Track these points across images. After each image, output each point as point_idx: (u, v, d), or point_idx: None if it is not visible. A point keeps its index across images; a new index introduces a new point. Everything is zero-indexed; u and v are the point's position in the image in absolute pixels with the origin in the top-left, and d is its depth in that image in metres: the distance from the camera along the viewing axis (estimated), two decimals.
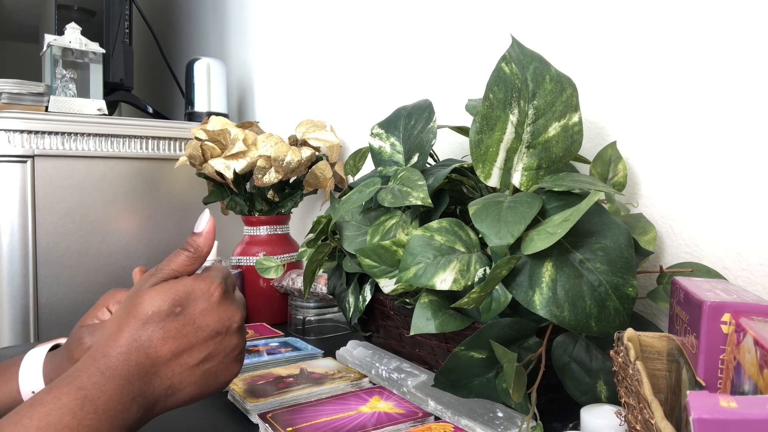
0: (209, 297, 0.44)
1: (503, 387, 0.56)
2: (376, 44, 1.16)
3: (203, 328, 0.43)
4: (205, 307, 0.43)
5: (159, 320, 0.42)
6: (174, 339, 0.42)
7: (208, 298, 0.44)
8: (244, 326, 0.47)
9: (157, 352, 0.41)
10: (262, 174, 1.09)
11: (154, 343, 0.41)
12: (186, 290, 0.43)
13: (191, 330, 0.43)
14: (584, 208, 0.50)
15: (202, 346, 0.43)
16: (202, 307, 0.43)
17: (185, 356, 0.42)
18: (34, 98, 1.33)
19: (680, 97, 0.66)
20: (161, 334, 0.42)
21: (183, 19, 2.20)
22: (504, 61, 0.60)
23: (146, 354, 0.41)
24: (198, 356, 0.43)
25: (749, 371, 0.33)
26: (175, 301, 0.43)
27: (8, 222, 1.23)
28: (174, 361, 0.42)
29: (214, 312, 0.44)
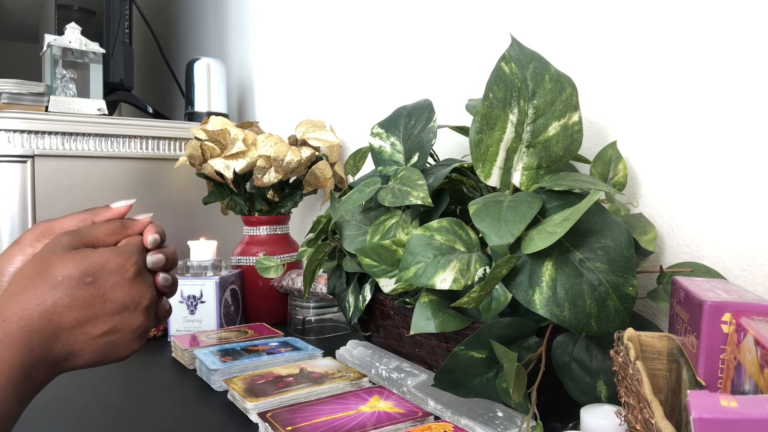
0: (123, 272, 0.43)
1: (503, 387, 0.56)
2: (376, 44, 1.16)
3: (112, 302, 0.43)
4: (117, 281, 0.43)
5: (68, 287, 0.41)
6: (80, 308, 0.41)
7: (122, 273, 0.43)
8: (152, 307, 0.46)
9: (61, 319, 0.41)
10: (261, 174, 1.08)
11: (59, 309, 0.41)
12: (101, 261, 0.43)
13: (99, 302, 0.42)
14: (584, 208, 0.50)
15: (108, 319, 0.43)
16: (114, 281, 0.43)
17: (89, 326, 0.42)
18: (34, 98, 1.33)
19: (680, 97, 0.66)
20: (68, 302, 0.41)
21: (183, 19, 2.20)
22: (504, 60, 0.60)
23: (49, 320, 0.40)
24: (102, 328, 0.42)
25: (750, 371, 0.33)
26: (88, 271, 0.42)
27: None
28: (77, 330, 0.41)
29: (126, 288, 0.43)
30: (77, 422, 0.64)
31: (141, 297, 0.44)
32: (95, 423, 0.64)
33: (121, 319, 0.43)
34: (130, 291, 0.43)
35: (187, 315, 0.98)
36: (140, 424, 0.64)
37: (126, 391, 0.74)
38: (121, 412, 0.67)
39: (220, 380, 0.74)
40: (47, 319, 0.40)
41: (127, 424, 0.64)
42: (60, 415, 0.66)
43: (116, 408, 0.68)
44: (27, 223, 1.25)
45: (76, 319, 0.41)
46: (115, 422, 0.64)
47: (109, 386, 0.76)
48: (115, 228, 0.46)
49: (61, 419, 0.65)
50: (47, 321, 0.40)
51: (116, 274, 0.43)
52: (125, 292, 0.43)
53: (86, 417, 0.66)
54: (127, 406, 0.69)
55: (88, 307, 0.42)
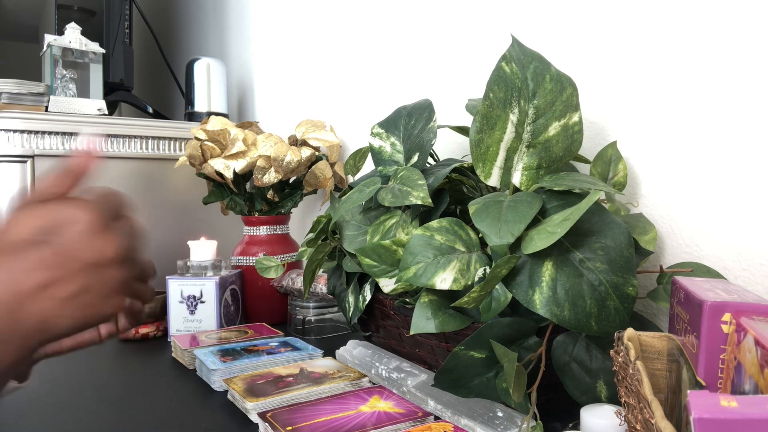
0: (79, 223, 0.38)
1: (503, 387, 0.56)
2: (376, 44, 1.16)
3: (74, 259, 0.38)
4: (74, 234, 0.38)
5: (23, 250, 0.37)
6: (40, 270, 0.37)
7: (78, 224, 0.38)
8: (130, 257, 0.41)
9: (20, 285, 0.36)
10: (261, 174, 1.08)
11: (17, 275, 0.36)
12: (54, 216, 0.38)
13: (60, 260, 0.37)
14: (584, 208, 0.50)
15: (74, 278, 0.38)
16: (72, 235, 0.38)
17: (55, 288, 0.37)
18: (34, 98, 1.33)
19: (680, 97, 0.66)
20: (24, 265, 0.37)
21: (183, 19, 2.20)
22: (504, 60, 0.60)
23: (8, 289, 0.36)
24: (70, 288, 0.38)
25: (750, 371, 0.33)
26: (42, 228, 0.38)
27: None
28: (42, 294, 0.37)
29: (86, 240, 0.38)
30: (77, 422, 0.64)
31: (105, 249, 0.39)
32: (95, 423, 0.64)
33: (88, 277, 0.38)
34: (93, 243, 0.39)
35: (187, 315, 0.98)
36: (140, 423, 0.64)
37: (126, 390, 0.74)
38: (121, 411, 0.67)
39: (220, 380, 0.74)
40: (6, 288, 0.36)
41: (127, 424, 0.64)
42: (60, 414, 0.66)
43: (116, 408, 0.68)
44: None
45: (37, 282, 0.37)
46: (115, 422, 0.64)
47: (110, 386, 0.76)
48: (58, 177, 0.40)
49: (61, 419, 0.65)
50: (7, 290, 0.36)
51: (72, 227, 0.38)
52: (87, 245, 0.38)
53: (86, 417, 0.66)
54: (127, 406, 0.69)
55: (48, 268, 0.37)
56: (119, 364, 0.86)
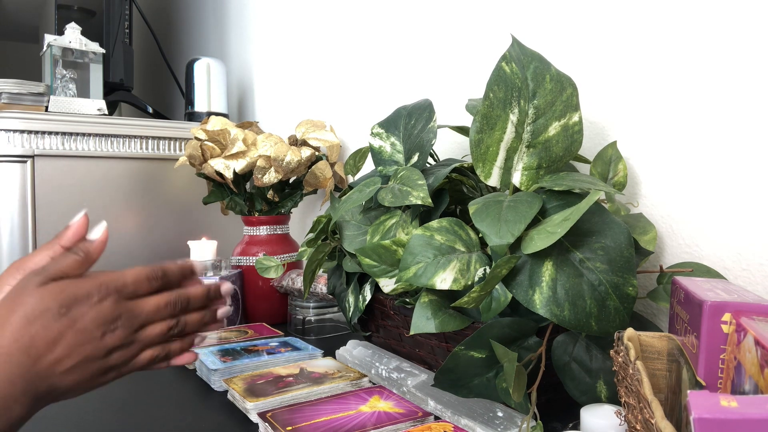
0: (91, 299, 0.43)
1: (503, 387, 0.56)
2: (376, 44, 1.16)
3: (80, 330, 0.42)
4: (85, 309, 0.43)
5: (44, 321, 0.41)
6: (55, 341, 0.41)
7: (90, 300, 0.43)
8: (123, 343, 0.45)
9: (39, 353, 0.41)
10: (261, 174, 1.08)
11: (37, 344, 0.41)
12: (75, 292, 0.43)
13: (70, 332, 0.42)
14: (584, 208, 0.50)
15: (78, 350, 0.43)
16: (83, 310, 0.43)
17: (64, 359, 0.42)
18: (34, 98, 1.33)
19: (680, 97, 0.66)
20: (44, 335, 0.41)
21: (183, 19, 2.20)
22: (504, 60, 0.60)
23: (28, 354, 0.40)
24: (75, 359, 0.42)
25: (750, 371, 0.33)
26: (63, 303, 0.42)
27: (8, 222, 1.23)
28: (55, 364, 0.42)
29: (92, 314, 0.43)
30: (77, 422, 0.64)
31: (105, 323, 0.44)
32: (95, 422, 0.64)
33: (89, 349, 0.43)
34: (98, 318, 0.43)
35: None
36: (140, 423, 0.64)
37: (126, 390, 0.74)
38: (122, 411, 0.67)
39: (220, 380, 0.74)
40: (26, 353, 0.40)
41: (128, 424, 0.64)
42: (60, 414, 0.66)
43: (116, 408, 0.68)
44: (27, 223, 1.25)
45: (52, 351, 0.41)
46: (115, 422, 0.64)
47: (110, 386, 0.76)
48: (79, 259, 0.46)
49: (61, 419, 0.65)
50: (26, 355, 0.40)
51: (86, 303, 0.43)
52: (92, 320, 0.43)
53: (86, 417, 0.66)
54: (128, 406, 0.69)
55: (61, 339, 0.42)
56: None
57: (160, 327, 0.48)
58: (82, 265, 0.46)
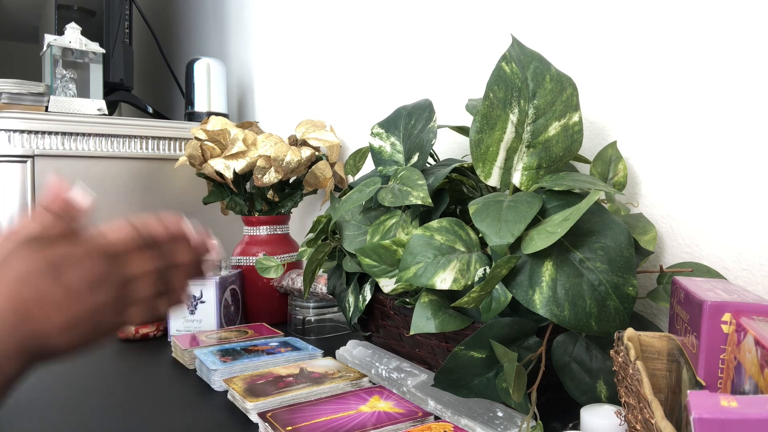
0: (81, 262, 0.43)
1: (503, 387, 0.56)
2: (376, 44, 1.16)
3: (75, 291, 0.43)
4: (76, 271, 0.43)
5: (33, 280, 0.41)
6: (44, 300, 0.42)
7: (81, 263, 0.43)
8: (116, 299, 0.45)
9: (28, 311, 0.41)
10: (261, 174, 1.08)
11: (27, 303, 0.41)
12: (65, 254, 0.43)
13: (60, 291, 0.42)
14: (584, 208, 0.50)
15: (67, 309, 0.42)
16: (74, 272, 0.43)
17: (55, 317, 0.42)
18: (34, 98, 1.33)
19: (680, 97, 0.66)
20: (33, 294, 0.41)
21: (183, 19, 2.20)
22: (504, 60, 0.60)
23: (16, 312, 0.41)
24: (64, 318, 0.42)
25: (750, 371, 0.33)
26: (53, 263, 0.42)
27: (8, 222, 1.23)
28: (46, 323, 0.42)
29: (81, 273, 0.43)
30: (77, 422, 0.64)
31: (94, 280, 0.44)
32: (95, 422, 0.64)
33: (79, 307, 0.43)
34: (87, 277, 0.43)
35: (187, 315, 0.98)
36: (140, 423, 0.64)
37: (126, 390, 0.74)
38: (121, 411, 0.67)
39: (220, 380, 0.74)
40: (15, 312, 0.40)
41: (128, 424, 0.64)
42: (60, 414, 0.66)
43: (116, 408, 0.68)
44: None
45: (43, 310, 0.41)
46: (115, 422, 0.64)
47: (110, 386, 0.76)
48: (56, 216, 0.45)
49: (61, 419, 0.65)
50: (15, 314, 0.40)
51: (75, 263, 0.43)
52: (81, 278, 0.43)
53: (86, 417, 0.66)
54: (128, 406, 0.69)
55: (51, 298, 0.42)
56: (119, 363, 0.86)
57: (147, 284, 0.48)
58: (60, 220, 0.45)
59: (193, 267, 0.52)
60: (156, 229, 0.49)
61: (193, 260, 0.52)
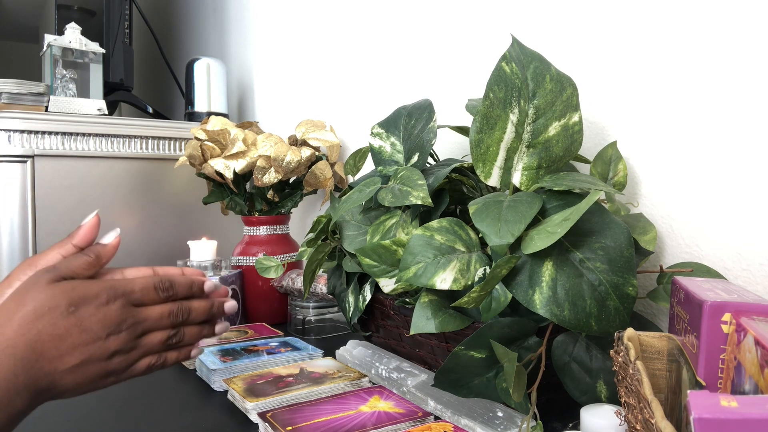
0: (100, 301, 0.44)
1: (503, 387, 0.56)
2: (376, 44, 1.16)
3: (86, 331, 0.44)
4: (93, 311, 0.44)
5: (52, 317, 0.42)
6: (61, 338, 0.42)
7: (98, 302, 0.44)
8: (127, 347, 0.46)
9: (44, 348, 0.42)
10: (261, 174, 1.08)
11: (43, 338, 0.42)
12: (85, 292, 0.44)
13: (76, 331, 0.43)
14: (584, 208, 0.50)
15: (83, 349, 0.43)
16: (91, 311, 0.44)
17: (67, 356, 0.43)
18: (34, 98, 1.33)
19: (680, 97, 0.66)
20: (51, 331, 0.42)
21: (183, 19, 2.20)
22: (504, 60, 0.60)
23: (33, 349, 0.41)
24: (78, 358, 0.43)
25: (750, 371, 0.33)
26: (72, 301, 0.43)
27: (8, 222, 1.23)
28: (58, 360, 0.43)
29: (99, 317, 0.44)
30: (77, 422, 0.64)
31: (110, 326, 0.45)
32: (95, 422, 0.64)
33: (93, 349, 0.44)
34: (104, 320, 0.44)
35: None
36: (140, 423, 0.64)
37: (126, 390, 0.74)
38: (121, 411, 0.67)
39: (220, 380, 0.74)
40: (31, 348, 0.41)
41: (127, 424, 0.64)
42: (60, 414, 0.66)
43: (116, 407, 0.68)
44: (27, 223, 1.25)
45: (57, 348, 0.42)
46: (115, 422, 0.64)
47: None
48: (90, 261, 0.47)
49: (61, 419, 0.65)
50: (31, 350, 0.41)
51: (94, 304, 0.44)
52: (98, 321, 0.44)
53: (86, 416, 0.66)
54: (127, 406, 0.69)
55: (67, 337, 0.43)
56: None
57: (161, 336, 0.49)
58: (92, 267, 0.47)
59: (206, 326, 0.53)
60: (177, 278, 0.50)
61: (208, 317, 0.53)
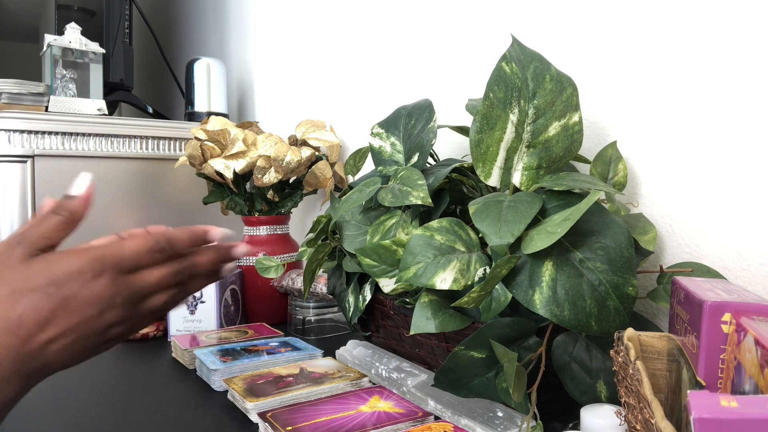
0: (84, 276, 0.40)
1: (503, 387, 0.56)
2: (376, 44, 1.16)
3: (75, 310, 0.40)
4: (78, 287, 0.40)
5: (32, 299, 0.38)
6: (46, 320, 0.39)
7: (83, 277, 0.40)
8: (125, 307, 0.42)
9: (29, 333, 0.38)
10: (261, 174, 1.08)
11: (26, 323, 0.38)
12: (64, 269, 0.39)
13: (63, 311, 0.39)
14: (584, 208, 0.50)
15: (73, 327, 0.40)
16: (76, 287, 0.40)
17: (58, 337, 0.39)
18: (34, 98, 1.33)
19: (680, 97, 0.66)
20: (33, 315, 0.38)
21: (183, 19, 2.20)
22: (504, 60, 0.60)
23: (16, 335, 0.38)
24: (70, 336, 0.40)
25: (750, 371, 0.33)
26: (52, 281, 0.39)
27: (8, 222, 1.23)
28: (48, 343, 0.39)
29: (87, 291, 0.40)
30: (77, 421, 0.64)
31: (102, 302, 0.41)
32: (95, 423, 0.64)
33: (86, 328, 0.40)
34: (94, 298, 0.40)
35: (187, 315, 0.98)
36: (140, 423, 0.64)
37: (126, 390, 0.74)
38: (121, 411, 0.67)
39: (220, 380, 0.74)
40: (14, 334, 0.38)
41: (127, 424, 0.64)
42: (60, 414, 0.66)
43: (116, 407, 0.68)
44: None
45: (44, 332, 0.39)
46: (115, 422, 0.64)
47: (109, 386, 0.76)
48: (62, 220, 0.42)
49: (60, 418, 0.65)
50: (14, 336, 0.38)
51: (79, 281, 0.40)
52: (87, 300, 0.40)
53: (86, 416, 0.66)
54: (127, 406, 0.69)
55: (53, 320, 0.39)
56: (119, 364, 0.86)
57: (164, 297, 0.45)
58: (66, 227, 0.42)
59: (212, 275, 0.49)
60: (174, 234, 0.45)
61: (217, 267, 0.49)
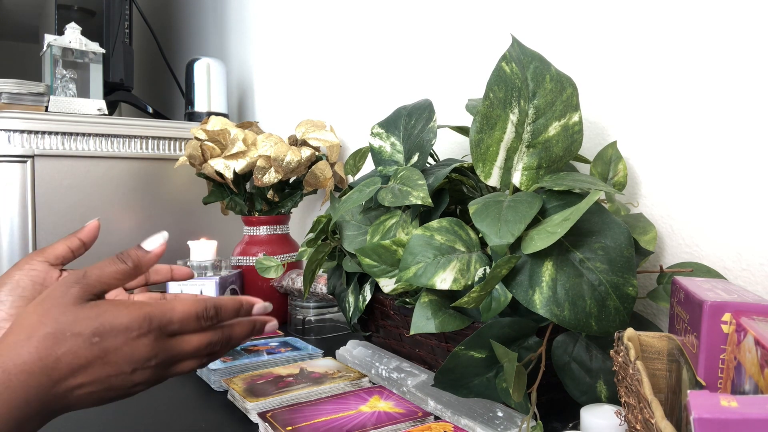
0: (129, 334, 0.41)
1: (503, 387, 0.56)
2: (376, 44, 1.16)
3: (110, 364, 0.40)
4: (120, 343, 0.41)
5: (73, 345, 0.39)
6: (81, 368, 0.40)
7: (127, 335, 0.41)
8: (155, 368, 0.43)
9: (61, 376, 0.39)
10: (261, 174, 1.08)
11: (61, 366, 0.39)
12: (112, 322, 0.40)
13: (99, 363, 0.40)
14: (584, 208, 0.50)
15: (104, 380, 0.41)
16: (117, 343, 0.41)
17: (86, 385, 0.40)
18: (34, 98, 1.33)
19: (680, 97, 0.66)
20: (70, 360, 0.39)
21: (183, 19, 2.20)
22: (504, 60, 0.60)
23: (49, 376, 0.38)
24: (98, 386, 0.41)
25: (750, 371, 0.33)
26: (97, 331, 0.40)
27: (8, 222, 1.23)
28: (76, 389, 0.40)
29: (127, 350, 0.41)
30: (77, 422, 0.64)
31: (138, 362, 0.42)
32: (95, 422, 0.64)
33: (114, 381, 0.41)
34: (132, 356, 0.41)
35: None
36: (140, 423, 0.64)
37: None
38: (121, 411, 0.67)
39: (220, 380, 0.74)
40: (48, 375, 0.38)
41: (127, 424, 0.64)
42: None
43: (116, 407, 0.68)
44: (27, 223, 1.25)
45: (75, 377, 0.39)
46: (114, 422, 0.64)
47: None
48: (125, 270, 0.43)
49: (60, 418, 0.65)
50: (47, 377, 0.38)
51: (122, 338, 0.41)
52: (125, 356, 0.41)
53: (86, 416, 0.66)
54: (127, 406, 0.69)
55: (87, 367, 0.40)
56: None
57: (193, 364, 0.46)
58: (127, 276, 0.43)
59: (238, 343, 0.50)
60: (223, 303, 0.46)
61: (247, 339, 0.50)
